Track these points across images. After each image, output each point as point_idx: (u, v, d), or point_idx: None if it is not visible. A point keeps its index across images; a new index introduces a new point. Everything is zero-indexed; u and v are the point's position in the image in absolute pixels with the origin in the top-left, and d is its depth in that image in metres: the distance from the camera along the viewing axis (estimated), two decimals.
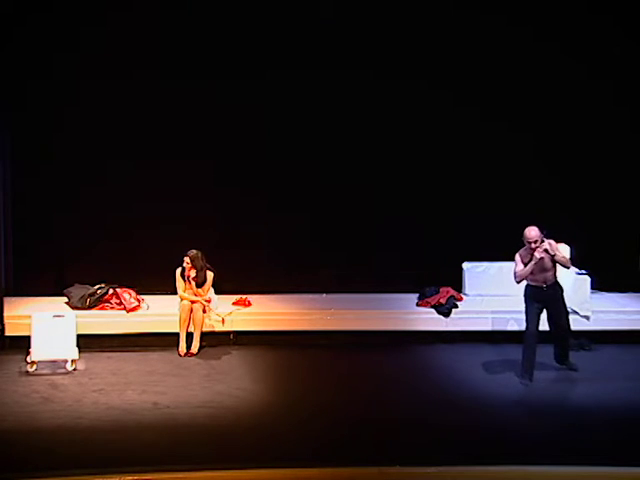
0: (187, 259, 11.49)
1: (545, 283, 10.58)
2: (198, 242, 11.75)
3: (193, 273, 11.50)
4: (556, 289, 10.70)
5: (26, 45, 12.34)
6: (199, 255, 11.51)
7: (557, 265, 10.59)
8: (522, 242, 10.55)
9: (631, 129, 13.18)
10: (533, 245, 10.43)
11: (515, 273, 10.62)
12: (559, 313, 10.74)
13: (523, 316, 11.73)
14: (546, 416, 9.56)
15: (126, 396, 9.92)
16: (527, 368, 10.54)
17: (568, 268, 10.88)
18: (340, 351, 11.72)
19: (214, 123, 12.90)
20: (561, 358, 10.93)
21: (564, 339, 10.88)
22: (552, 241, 10.50)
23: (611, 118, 13.13)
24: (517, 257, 10.64)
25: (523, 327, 11.82)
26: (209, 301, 11.66)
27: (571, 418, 9.50)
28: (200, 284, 11.55)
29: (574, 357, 11.08)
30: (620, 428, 9.04)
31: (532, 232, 10.47)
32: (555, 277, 10.66)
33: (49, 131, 12.66)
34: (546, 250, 10.42)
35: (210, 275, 11.58)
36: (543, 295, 10.61)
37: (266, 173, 13.02)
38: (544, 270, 10.53)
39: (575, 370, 10.86)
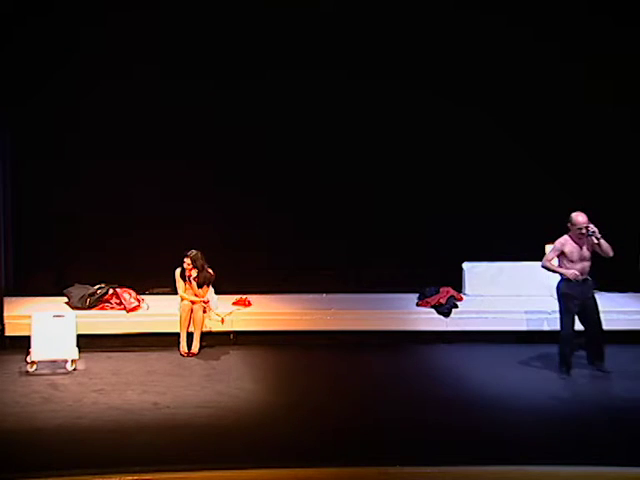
0: (188, 260, 11.46)
1: (582, 275, 10.34)
2: (198, 242, 11.75)
3: (194, 273, 11.48)
4: (590, 284, 10.49)
5: (26, 45, 12.34)
6: (199, 255, 11.49)
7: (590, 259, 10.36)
8: (522, 241, 10.52)
9: (631, 129, 13.18)
10: (584, 231, 10.16)
11: (546, 257, 10.43)
12: (593, 311, 10.50)
13: (522, 316, 11.76)
14: (546, 416, 9.55)
15: (126, 396, 9.91)
16: (566, 366, 10.48)
17: (610, 256, 10.42)
18: (340, 351, 11.72)
19: (214, 123, 12.92)
20: (595, 359, 10.63)
21: (599, 338, 10.61)
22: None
23: (611, 118, 13.13)
24: (557, 244, 10.37)
25: (522, 327, 11.84)
26: (207, 302, 11.63)
27: (571, 418, 9.49)
28: (201, 284, 11.53)
29: (574, 357, 11.08)
30: (620, 428, 9.03)
31: (580, 217, 10.21)
32: (590, 271, 10.41)
33: (49, 131, 12.68)
34: (594, 232, 10.12)
35: (212, 277, 11.55)
36: (578, 290, 10.38)
37: (266, 173, 13.04)
38: (584, 259, 10.31)
39: (607, 372, 10.58)
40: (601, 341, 10.66)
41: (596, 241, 10.21)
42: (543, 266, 10.55)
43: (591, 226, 10.20)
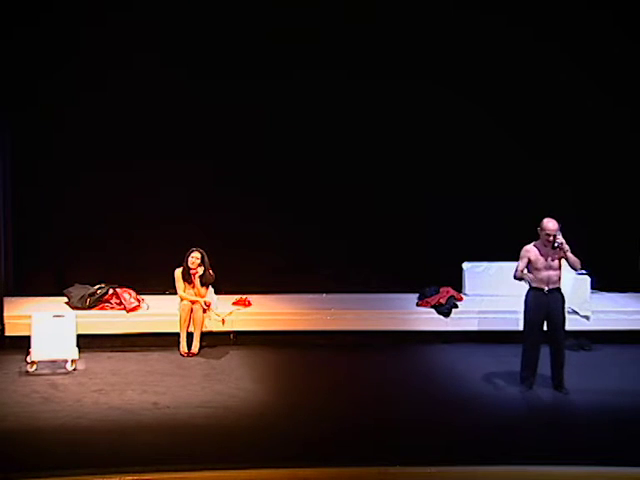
0: (197, 254, 11.41)
1: (547, 285, 10.03)
2: (198, 242, 11.74)
3: (201, 271, 11.45)
4: (557, 297, 10.09)
5: (26, 45, 12.33)
6: (205, 253, 11.51)
7: (562, 270, 10.06)
8: (522, 241, 10.49)
9: (631, 129, 13.19)
10: (551, 239, 9.85)
11: (516, 268, 10.10)
12: (556, 325, 10.12)
13: (522, 316, 11.72)
14: (546, 416, 9.56)
15: (126, 396, 9.91)
16: (527, 377, 10.20)
17: (577, 269, 10.27)
18: (340, 351, 11.72)
19: (214, 123, 12.90)
20: (555, 382, 10.20)
21: (559, 359, 10.18)
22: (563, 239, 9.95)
23: (611, 118, 13.14)
24: (523, 252, 10.09)
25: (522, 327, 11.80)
26: (209, 304, 11.63)
27: (571, 418, 9.51)
28: (202, 284, 11.52)
29: (574, 357, 11.08)
30: (620, 428, 9.03)
31: (551, 224, 9.86)
32: (559, 282, 10.09)
33: (49, 131, 12.66)
34: (561, 244, 9.83)
35: (213, 279, 11.55)
36: (544, 301, 10.05)
37: (266, 173, 13.03)
38: (549, 268, 9.98)
39: (567, 393, 10.11)
40: (561, 362, 10.19)
41: (563, 254, 9.92)
42: (515, 277, 10.23)
43: (559, 238, 9.90)
